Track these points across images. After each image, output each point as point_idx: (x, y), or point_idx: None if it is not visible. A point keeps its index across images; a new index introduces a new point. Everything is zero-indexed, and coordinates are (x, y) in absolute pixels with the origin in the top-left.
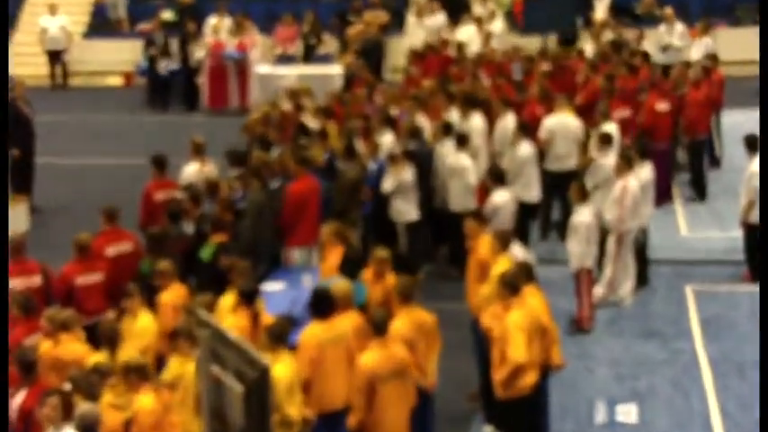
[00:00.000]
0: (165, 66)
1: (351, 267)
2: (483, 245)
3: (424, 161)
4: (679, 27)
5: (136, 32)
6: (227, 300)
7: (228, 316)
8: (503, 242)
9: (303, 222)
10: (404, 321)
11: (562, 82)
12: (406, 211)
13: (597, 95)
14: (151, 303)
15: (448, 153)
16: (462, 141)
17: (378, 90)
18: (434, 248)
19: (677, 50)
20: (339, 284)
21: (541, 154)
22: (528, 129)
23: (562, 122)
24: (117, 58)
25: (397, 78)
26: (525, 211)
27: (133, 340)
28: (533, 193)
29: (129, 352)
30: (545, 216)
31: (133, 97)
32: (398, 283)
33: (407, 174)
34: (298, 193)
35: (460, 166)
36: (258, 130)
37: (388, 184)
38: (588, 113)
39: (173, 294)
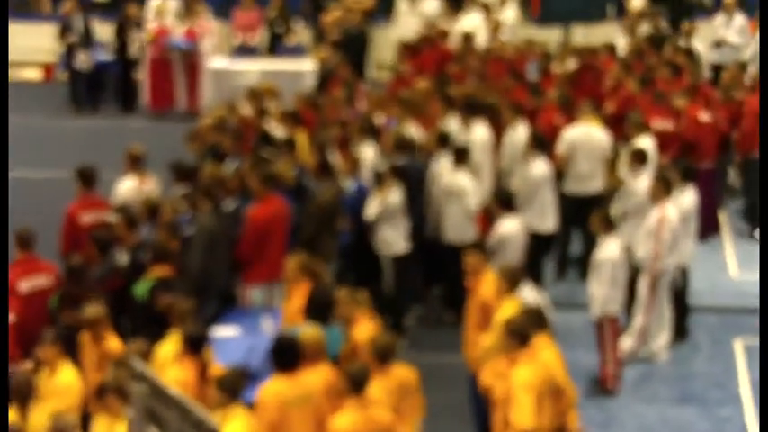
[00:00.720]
0: (86, 59)
1: (319, 309)
2: (486, 284)
3: (415, 181)
4: (739, 20)
5: (59, 15)
6: (168, 347)
7: (169, 367)
8: (510, 281)
9: (265, 254)
10: (380, 386)
11: (587, 85)
12: (393, 241)
13: (630, 103)
14: (73, 353)
15: (444, 171)
16: (462, 157)
17: (360, 92)
18: (426, 287)
19: (733, 48)
20: (308, 331)
21: (559, 174)
22: (544, 142)
23: (586, 135)
24: (35, 46)
25: (383, 77)
26: (538, 244)
27: (52, 399)
28: (548, 222)
29: (44, 413)
30: (562, 250)
31: (55, 95)
32: (376, 341)
33: (395, 196)
34: (260, 217)
35: (459, 188)
36: (211, 138)
37: (372, 210)
38: (619, 124)
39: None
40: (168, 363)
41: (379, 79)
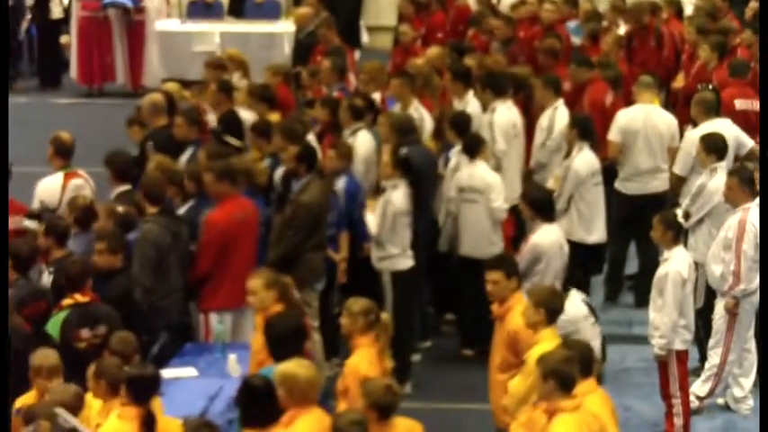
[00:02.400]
0: None
1: (291, 339)
2: (516, 311)
3: (424, 176)
4: None
5: None
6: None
7: (106, 419)
8: (547, 308)
9: (228, 271)
10: None
11: (646, 54)
12: (396, 254)
13: (702, 76)
14: None
15: (461, 165)
16: (480, 146)
17: (350, 62)
18: (438, 314)
19: None
20: (296, 368)
21: (611, 168)
22: (589, 127)
23: (646, 118)
24: None
25: (380, 44)
26: (583, 259)
27: None
28: (596, 231)
29: None
30: (615, 267)
31: None
32: (371, 389)
33: (399, 196)
34: (219, 224)
35: (480, 187)
36: (159, 122)
37: (374, 221)
38: (688, 104)
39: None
40: (103, 413)
41: (375, 46)
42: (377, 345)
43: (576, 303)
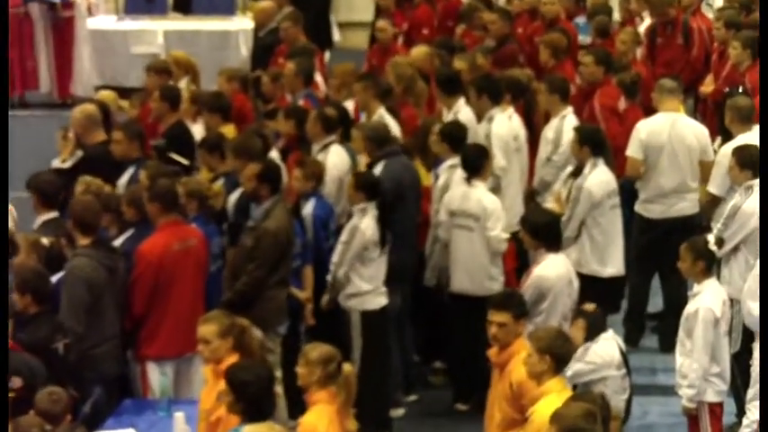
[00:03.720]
0: None
1: (264, 394)
2: (519, 360)
3: (405, 196)
4: None
5: None
6: None
7: None
8: (555, 356)
9: (168, 313)
10: None
11: (670, 52)
12: (366, 291)
13: (734, 77)
14: None
15: (452, 183)
16: (478, 162)
17: (320, 65)
18: (425, 362)
19: None
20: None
21: (629, 187)
22: (602, 140)
23: (671, 129)
24: None
25: (354, 43)
26: (597, 295)
27: None
28: (613, 262)
29: None
30: (635, 304)
31: None
32: None
33: (369, 224)
34: (155, 256)
35: (476, 212)
36: (93, 137)
37: (339, 259)
38: (719, 112)
39: None
40: None
41: (348, 45)
42: (337, 401)
43: (610, 347)
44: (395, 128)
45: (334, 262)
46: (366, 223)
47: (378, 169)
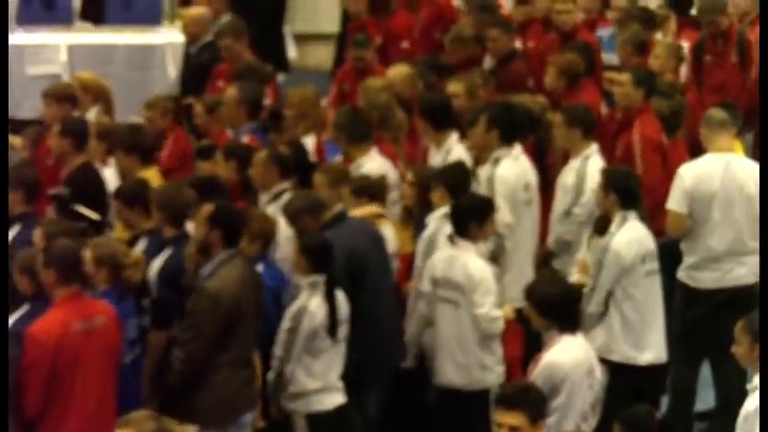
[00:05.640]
0: None
1: None
2: None
3: (364, 269)
4: None
5: None
6: None
7: None
8: None
9: (68, 413)
10: None
11: (725, 74)
12: (314, 390)
13: None
14: None
15: (437, 241)
16: (462, 221)
17: (271, 90)
18: None
19: None
20: None
21: (670, 249)
22: (634, 187)
23: (723, 173)
24: None
25: (317, 60)
26: (630, 388)
27: None
28: (650, 345)
29: None
30: (680, 398)
31: None
32: None
33: (319, 305)
34: (49, 340)
35: (460, 281)
36: None
37: (290, 348)
38: None
39: None
40: None
41: (307, 64)
42: None
43: None
44: (390, 171)
45: (279, 356)
46: (316, 303)
47: None
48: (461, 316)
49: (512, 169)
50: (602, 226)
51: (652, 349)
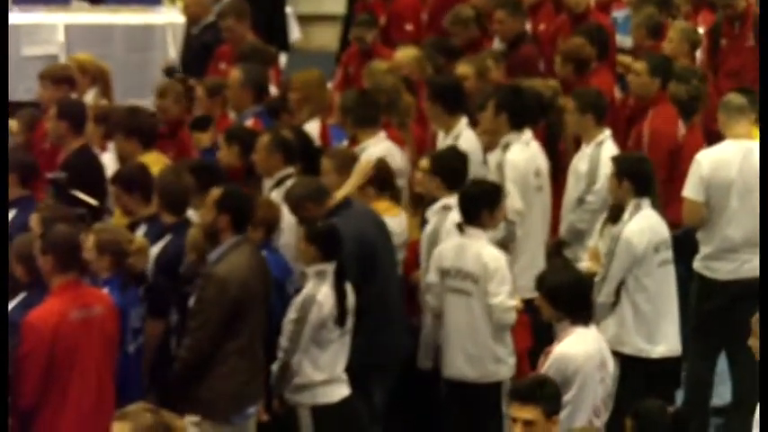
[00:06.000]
0: None
1: None
2: None
3: (374, 255)
4: None
5: None
6: None
7: None
8: None
9: (65, 403)
10: None
11: (743, 58)
12: (319, 382)
13: None
14: None
15: (442, 231)
16: (472, 208)
17: (274, 73)
18: None
19: None
20: None
21: (686, 239)
22: (648, 174)
23: (742, 160)
24: None
25: (321, 42)
26: (643, 381)
27: None
28: (665, 337)
29: None
30: (695, 393)
31: None
32: None
33: (327, 294)
34: (46, 329)
35: (475, 270)
36: None
37: (297, 339)
38: None
39: None
40: None
41: (311, 46)
42: None
43: None
44: (396, 155)
45: (285, 347)
46: (324, 293)
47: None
48: (473, 306)
49: (522, 154)
50: (616, 214)
51: (665, 342)
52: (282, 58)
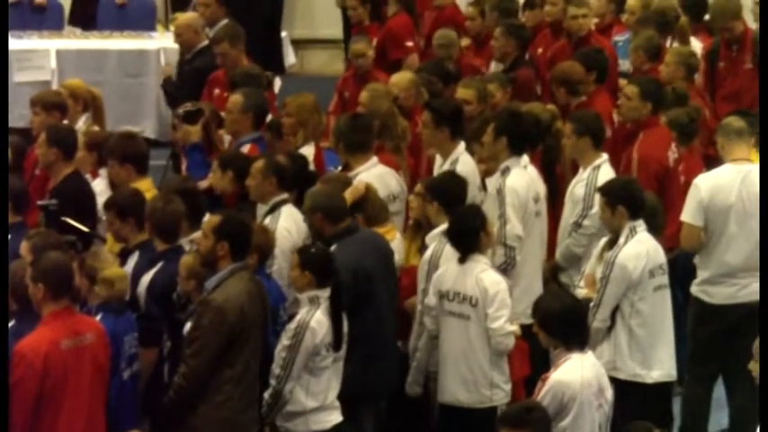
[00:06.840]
0: None
1: None
2: None
3: (370, 283)
4: None
5: None
6: None
7: None
8: None
9: (59, 430)
10: None
11: (741, 80)
12: (312, 409)
13: None
14: None
15: (441, 256)
16: (468, 239)
17: (270, 97)
18: None
19: None
20: None
21: (682, 263)
22: (640, 197)
23: (740, 185)
24: None
25: (316, 66)
26: (639, 407)
27: None
28: (660, 362)
29: None
30: (692, 419)
31: None
32: None
33: (321, 321)
34: (37, 358)
35: (474, 294)
36: None
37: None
38: None
39: None
40: None
41: (306, 71)
42: None
43: None
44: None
45: (277, 374)
46: (317, 319)
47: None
48: (470, 330)
49: (521, 180)
50: (615, 240)
51: (660, 366)
52: (278, 83)
